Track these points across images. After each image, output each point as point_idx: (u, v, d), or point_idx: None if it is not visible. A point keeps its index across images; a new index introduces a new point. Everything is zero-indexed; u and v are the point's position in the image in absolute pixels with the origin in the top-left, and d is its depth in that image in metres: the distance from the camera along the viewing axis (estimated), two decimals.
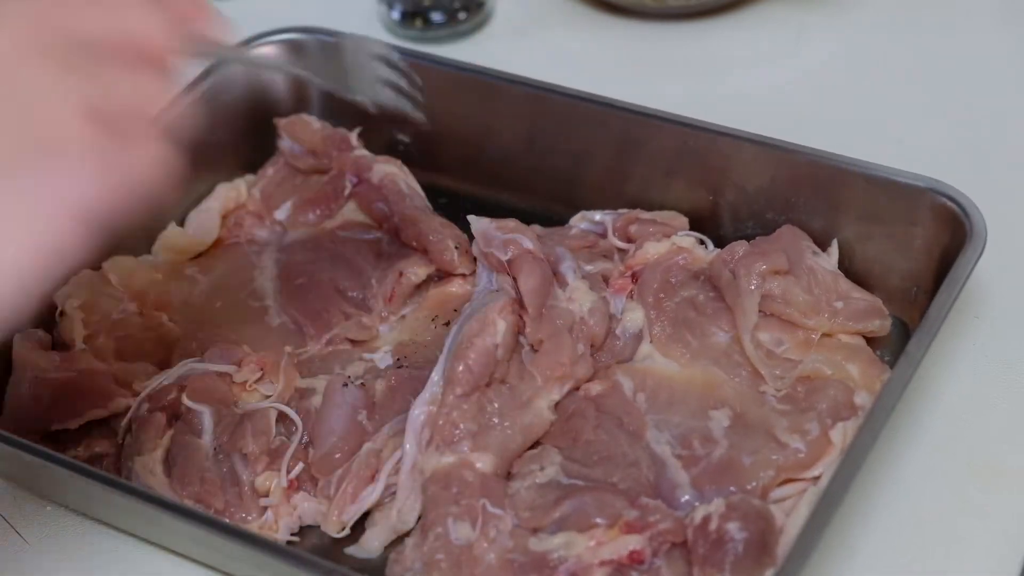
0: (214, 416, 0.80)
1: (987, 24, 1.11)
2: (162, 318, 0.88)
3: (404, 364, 0.83)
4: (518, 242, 0.84)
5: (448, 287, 0.88)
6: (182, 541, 0.76)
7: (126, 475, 0.79)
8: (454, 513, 0.74)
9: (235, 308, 0.89)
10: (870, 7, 1.12)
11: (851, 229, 0.86)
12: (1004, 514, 0.76)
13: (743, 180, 0.89)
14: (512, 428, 0.78)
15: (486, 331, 0.79)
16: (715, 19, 1.13)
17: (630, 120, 0.91)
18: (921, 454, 0.80)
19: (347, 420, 0.80)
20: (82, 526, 0.80)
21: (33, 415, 0.81)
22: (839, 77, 1.07)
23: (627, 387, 0.81)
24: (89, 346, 0.85)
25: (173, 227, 0.94)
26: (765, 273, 0.82)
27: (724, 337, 0.82)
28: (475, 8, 1.13)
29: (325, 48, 0.94)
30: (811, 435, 0.76)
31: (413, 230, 0.89)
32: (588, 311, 0.83)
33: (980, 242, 0.80)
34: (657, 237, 0.88)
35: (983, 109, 1.03)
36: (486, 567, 0.72)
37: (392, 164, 0.94)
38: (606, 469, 0.76)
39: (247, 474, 0.78)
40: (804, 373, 0.80)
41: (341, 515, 0.77)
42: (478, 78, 0.95)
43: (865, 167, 0.85)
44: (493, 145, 0.96)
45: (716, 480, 0.75)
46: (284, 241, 0.94)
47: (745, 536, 0.70)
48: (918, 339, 0.75)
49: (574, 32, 1.13)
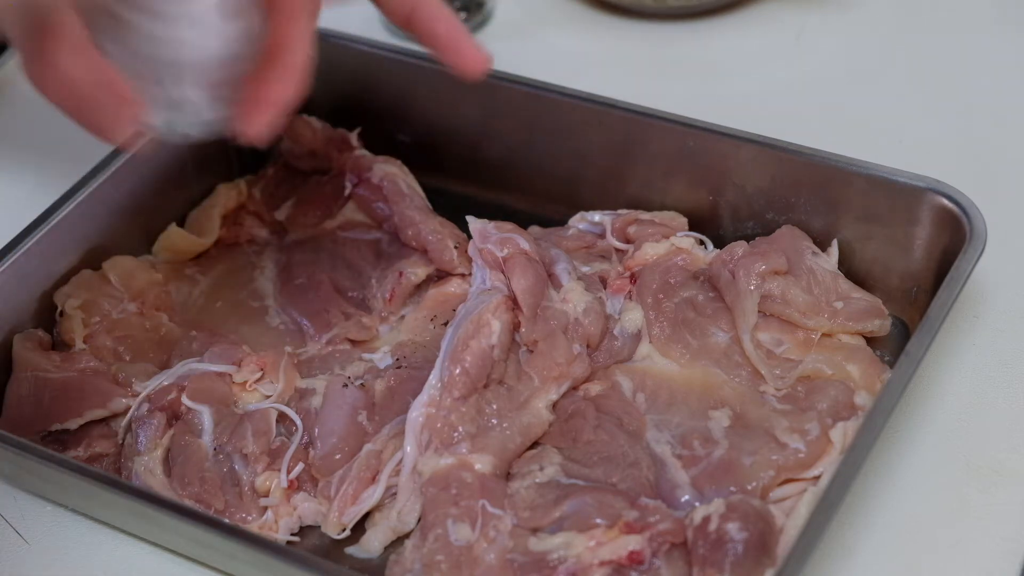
0: (214, 416, 0.80)
1: (987, 24, 1.11)
2: (162, 318, 0.89)
3: (404, 364, 0.83)
4: (515, 241, 0.84)
5: (447, 287, 0.88)
6: (182, 541, 0.76)
7: (126, 475, 0.79)
8: (454, 514, 0.74)
9: (235, 308, 0.89)
10: (870, 7, 1.12)
11: (851, 229, 0.86)
12: (1004, 514, 0.76)
13: (743, 180, 0.89)
14: (511, 429, 0.78)
15: (481, 332, 0.79)
16: (715, 19, 1.13)
17: (630, 120, 0.91)
18: (921, 454, 0.80)
19: (347, 421, 0.80)
20: (82, 526, 0.80)
21: (33, 415, 0.82)
22: (839, 77, 1.07)
23: (626, 387, 0.81)
24: (89, 346, 0.85)
25: (173, 227, 0.94)
26: (765, 273, 0.82)
27: (724, 337, 0.82)
28: (475, 8, 1.13)
29: None
30: (811, 435, 0.76)
31: (413, 230, 0.89)
32: (583, 312, 0.83)
33: (980, 242, 0.80)
34: (656, 238, 0.88)
35: (983, 109, 1.03)
36: (486, 567, 0.72)
37: (392, 164, 0.94)
38: (606, 469, 0.77)
39: (247, 474, 0.78)
40: (804, 373, 0.80)
41: (341, 516, 0.77)
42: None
43: (865, 167, 0.85)
44: (493, 145, 0.96)
45: (716, 480, 0.75)
46: (284, 241, 0.94)
47: (745, 536, 0.70)
48: (918, 339, 0.75)
49: (574, 32, 1.13)
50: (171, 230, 0.94)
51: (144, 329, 0.87)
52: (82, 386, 0.82)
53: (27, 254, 0.85)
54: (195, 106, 0.69)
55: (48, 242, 0.86)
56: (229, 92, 0.69)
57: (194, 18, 0.66)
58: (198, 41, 0.66)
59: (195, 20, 0.66)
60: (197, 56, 0.67)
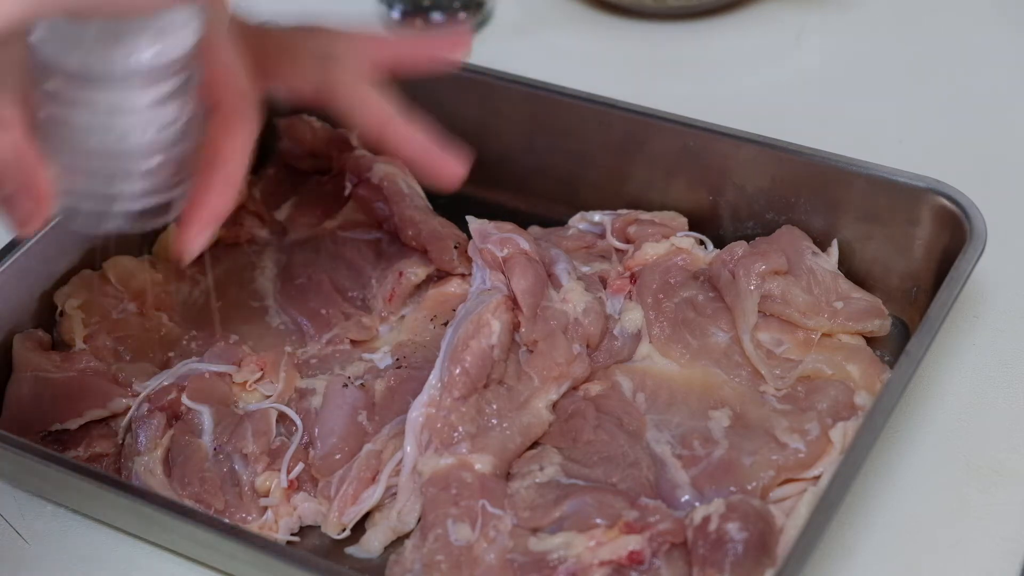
0: (214, 416, 0.80)
1: (987, 24, 1.11)
2: (162, 318, 0.89)
3: (404, 364, 0.83)
4: (515, 241, 0.84)
5: (447, 287, 0.88)
6: (182, 541, 0.76)
7: (126, 475, 0.79)
8: (454, 514, 0.74)
9: (235, 308, 0.89)
10: (870, 7, 1.12)
11: (851, 229, 0.87)
12: (1004, 514, 0.76)
13: (743, 180, 0.89)
14: (511, 429, 0.78)
15: (481, 332, 0.79)
16: (715, 19, 1.13)
17: (630, 120, 0.91)
18: (921, 454, 0.80)
19: (347, 421, 0.80)
20: (82, 526, 0.80)
21: (33, 415, 0.82)
22: (839, 77, 1.07)
23: (626, 387, 0.81)
24: (89, 346, 0.85)
25: (173, 227, 0.93)
26: (764, 273, 0.82)
27: (724, 337, 0.82)
28: (475, 8, 1.13)
29: None
30: (811, 435, 0.76)
31: (413, 230, 0.89)
32: (582, 312, 0.83)
33: (980, 242, 0.80)
34: (656, 238, 0.88)
35: (983, 109, 1.03)
36: (486, 567, 0.72)
37: (392, 164, 0.94)
38: (606, 469, 0.77)
39: (247, 474, 0.78)
40: (804, 373, 0.80)
41: (341, 516, 0.77)
42: (478, 78, 0.95)
43: (865, 167, 0.85)
44: (493, 145, 0.96)
45: (716, 480, 0.75)
46: (284, 241, 0.94)
47: (745, 536, 0.70)
48: (918, 339, 0.75)
49: (574, 32, 1.13)
50: (171, 230, 0.93)
51: (144, 329, 0.87)
52: (82, 386, 0.82)
53: (27, 254, 0.85)
54: (124, 199, 0.66)
55: (48, 242, 0.86)
56: (161, 184, 0.67)
57: (128, 107, 0.64)
58: (131, 130, 0.64)
59: (129, 109, 0.64)
60: (130, 145, 0.65)
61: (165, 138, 0.65)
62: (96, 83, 0.63)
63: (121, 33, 0.62)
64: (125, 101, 0.64)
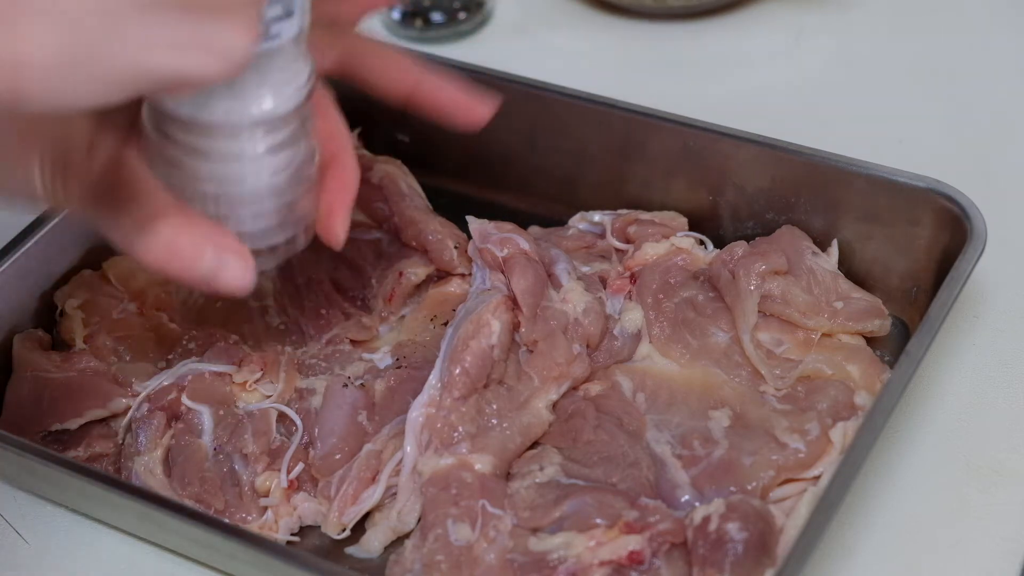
0: (214, 416, 0.80)
1: (987, 24, 1.11)
2: (162, 318, 0.88)
3: (404, 364, 0.83)
4: (514, 241, 0.84)
5: (447, 287, 0.88)
6: (182, 541, 0.76)
7: (126, 475, 0.79)
8: (454, 514, 0.74)
9: (235, 308, 0.89)
10: (870, 7, 1.12)
11: (851, 229, 0.87)
12: (1004, 514, 0.76)
13: (743, 180, 0.89)
14: (511, 429, 0.78)
15: (481, 332, 0.79)
16: (715, 19, 1.13)
17: (630, 120, 0.91)
18: (921, 454, 0.80)
19: (347, 421, 0.80)
20: (82, 526, 0.80)
21: (33, 415, 0.82)
22: (839, 77, 1.07)
23: (626, 387, 0.81)
24: (89, 346, 0.85)
25: None
26: (764, 273, 0.82)
27: (724, 337, 0.82)
28: (475, 8, 1.14)
29: None
30: (811, 435, 0.76)
31: (413, 230, 0.89)
32: (582, 312, 0.83)
33: (980, 242, 0.80)
34: (656, 238, 0.88)
35: (983, 109, 1.03)
36: (486, 567, 0.72)
37: (392, 164, 0.94)
38: (606, 469, 0.77)
39: (247, 474, 0.78)
40: (804, 373, 0.80)
41: (341, 516, 0.77)
42: (478, 78, 0.95)
43: (865, 167, 0.85)
44: (493, 145, 0.96)
45: (716, 480, 0.75)
46: None
47: (745, 536, 0.70)
48: (918, 339, 0.75)
49: (574, 32, 1.13)
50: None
51: (144, 329, 0.87)
52: (82, 386, 0.82)
53: (27, 254, 0.85)
54: (255, 238, 0.66)
55: (48, 242, 0.86)
56: (286, 218, 0.67)
57: (244, 155, 0.63)
58: (246, 176, 0.64)
59: (244, 156, 0.63)
60: (244, 191, 0.64)
61: (279, 182, 0.65)
62: (211, 133, 0.62)
63: (235, 84, 0.61)
64: (242, 150, 0.63)
